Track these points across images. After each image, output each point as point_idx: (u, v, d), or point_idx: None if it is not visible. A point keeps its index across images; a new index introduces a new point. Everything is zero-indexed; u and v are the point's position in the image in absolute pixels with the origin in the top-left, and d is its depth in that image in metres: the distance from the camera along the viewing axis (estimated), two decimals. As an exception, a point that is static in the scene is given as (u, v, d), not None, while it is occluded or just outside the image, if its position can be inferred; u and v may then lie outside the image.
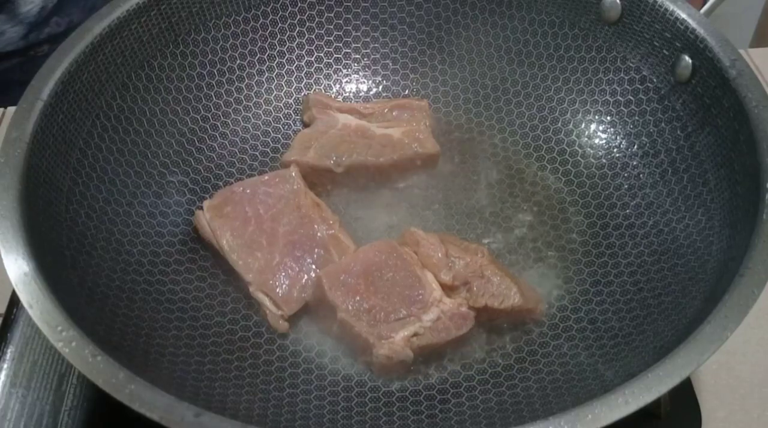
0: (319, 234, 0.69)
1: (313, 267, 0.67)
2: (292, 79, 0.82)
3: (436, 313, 0.62)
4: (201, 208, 0.70)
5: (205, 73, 0.77)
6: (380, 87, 0.84)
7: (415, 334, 0.61)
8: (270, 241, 0.68)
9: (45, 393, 0.63)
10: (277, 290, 0.65)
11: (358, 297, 0.63)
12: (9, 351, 0.65)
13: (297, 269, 0.67)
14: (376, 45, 0.84)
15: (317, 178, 0.75)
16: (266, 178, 0.72)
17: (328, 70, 0.84)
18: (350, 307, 0.62)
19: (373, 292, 0.63)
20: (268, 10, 0.80)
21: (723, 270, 0.56)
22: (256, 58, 0.80)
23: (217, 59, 0.77)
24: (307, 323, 0.66)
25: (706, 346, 0.47)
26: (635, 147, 0.74)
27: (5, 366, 0.64)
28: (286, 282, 0.66)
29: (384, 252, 0.66)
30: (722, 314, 0.49)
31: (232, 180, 0.76)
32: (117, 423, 0.54)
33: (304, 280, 0.66)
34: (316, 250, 0.68)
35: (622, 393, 0.45)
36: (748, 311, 0.49)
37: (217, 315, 0.65)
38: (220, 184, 0.75)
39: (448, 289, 0.65)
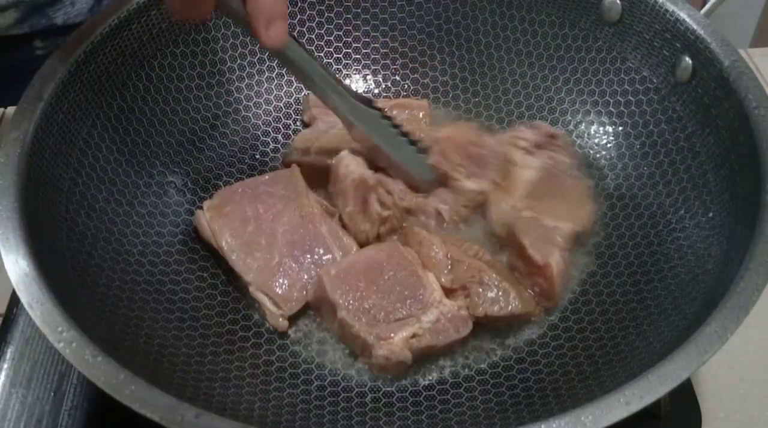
0: (320, 233, 0.69)
1: (313, 266, 0.67)
2: (293, 79, 0.82)
3: (436, 315, 0.62)
4: (201, 208, 0.70)
5: (205, 73, 0.77)
6: (380, 87, 0.84)
7: (414, 335, 0.61)
8: (270, 241, 0.68)
9: (45, 393, 0.63)
10: (277, 289, 0.65)
11: (358, 296, 0.63)
12: (9, 351, 0.65)
13: (297, 268, 0.67)
14: (376, 45, 0.84)
15: (318, 178, 0.75)
16: (267, 177, 0.72)
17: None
18: (350, 306, 0.62)
19: (374, 291, 0.63)
20: (268, 9, 0.79)
21: (723, 271, 0.56)
22: (256, 58, 0.80)
23: (217, 59, 0.77)
24: (307, 323, 0.66)
25: (707, 347, 0.47)
26: (635, 147, 0.74)
27: (5, 366, 0.64)
28: (286, 282, 0.66)
29: (386, 252, 0.66)
30: (722, 315, 0.49)
31: (232, 180, 0.75)
32: (117, 423, 0.54)
33: (304, 280, 0.66)
34: (316, 250, 0.68)
35: (622, 393, 0.45)
36: (748, 312, 0.49)
37: (217, 316, 0.65)
38: (220, 184, 0.75)
39: (447, 292, 0.65)
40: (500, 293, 0.64)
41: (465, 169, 0.72)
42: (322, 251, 0.68)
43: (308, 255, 0.68)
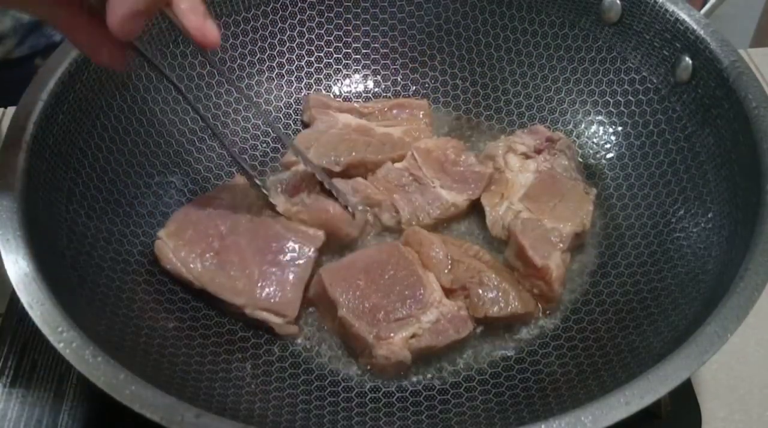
0: (277, 232, 0.68)
1: (292, 262, 0.66)
2: (292, 79, 0.82)
3: (436, 315, 0.62)
4: (159, 238, 0.67)
5: (205, 73, 0.77)
6: (380, 87, 0.84)
7: (414, 335, 0.61)
8: (241, 256, 0.66)
9: (45, 393, 0.63)
10: (273, 300, 0.64)
11: (358, 294, 0.63)
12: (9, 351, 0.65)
13: (279, 271, 0.66)
14: (376, 45, 0.84)
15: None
16: (215, 191, 0.71)
17: (328, 70, 0.84)
18: (350, 305, 0.62)
19: (374, 290, 0.63)
20: (268, 10, 0.80)
21: (723, 272, 0.56)
22: (256, 58, 0.80)
23: (217, 59, 0.77)
24: (307, 323, 0.66)
25: (707, 347, 0.47)
26: (635, 147, 0.74)
27: (5, 366, 0.64)
28: (277, 288, 0.65)
29: (386, 252, 0.66)
30: (722, 315, 0.49)
31: (229, 180, 0.75)
32: (117, 423, 0.54)
33: (291, 278, 0.65)
34: (285, 247, 0.67)
35: (623, 393, 0.45)
36: (748, 312, 0.49)
37: (218, 316, 0.65)
38: (220, 184, 0.75)
39: (447, 292, 0.65)
40: (500, 294, 0.64)
41: (440, 181, 0.73)
42: (291, 245, 0.67)
43: (281, 255, 0.66)
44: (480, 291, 0.64)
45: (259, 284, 0.65)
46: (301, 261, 0.66)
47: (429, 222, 0.71)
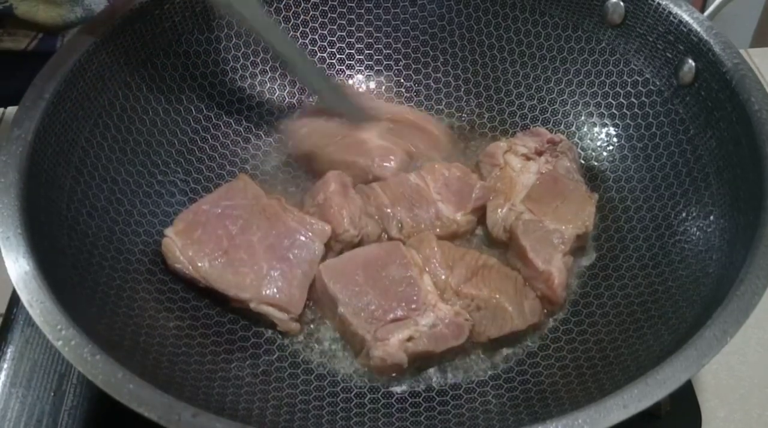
0: (291, 227, 0.68)
1: (301, 259, 0.66)
2: (295, 79, 0.82)
3: (433, 319, 0.62)
4: (167, 236, 0.67)
5: (207, 72, 0.77)
6: (383, 87, 0.84)
7: (411, 338, 0.61)
8: (250, 253, 0.66)
9: (45, 393, 0.63)
10: (278, 296, 0.64)
11: (357, 290, 0.63)
12: (9, 351, 0.65)
13: (287, 268, 0.66)
14: (378, 45, 0.84)
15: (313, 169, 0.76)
16: (223, 191, 0.70)
17: (330, 70, 0.83)
18: (349, 301, 0.62)
19: (371, 286, 0.63)
20: (271, 10, 0.80)
21: (723, 275, 0.56)
22: (259, 57, 0.80)
23: (220, 59, 0.77)
24: (308, 323, 0.66)
25: (706, 351, 0.47)
26: (637, 149, 0.74)
27: (5, 366, 0.64)
28: (284, 285, 0.65)
29: (386, 250, 0.66)
30: (722, 318, 0.49)
31: (233, 180, 0.75)
32: (117, 422, 0.54)
33: (299, 275, 0.66)
34: (296, 243, 0.67)
35: (621, 397, 0.45)
36: (748, 316, 0.49)
37: (218, 315, 0.65)
38: (221, 183, 0.75)
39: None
40: (499, 317, 0.63)
41: (442, 195, 0.72)
42: (303, 239, 0.67)
43: (293, 251, 0.67)
44: (479, 318, 0.63)
45: (266, 279, 0.65)
46: (309, 258, 0.66)
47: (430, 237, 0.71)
